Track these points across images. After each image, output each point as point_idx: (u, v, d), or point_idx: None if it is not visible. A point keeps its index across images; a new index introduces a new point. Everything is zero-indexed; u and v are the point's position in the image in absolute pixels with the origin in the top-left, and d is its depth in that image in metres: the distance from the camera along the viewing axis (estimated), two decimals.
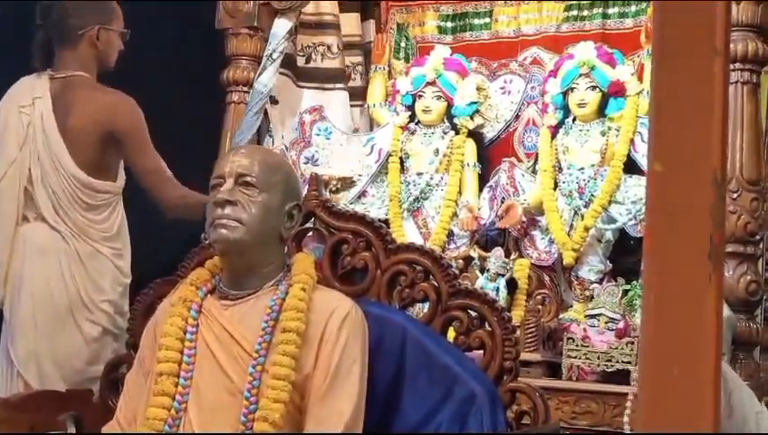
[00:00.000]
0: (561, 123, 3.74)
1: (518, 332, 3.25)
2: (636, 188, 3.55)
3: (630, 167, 3.60)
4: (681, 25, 0.89)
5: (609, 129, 3.65)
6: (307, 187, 2.53)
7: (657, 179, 0.90)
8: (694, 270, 0.88)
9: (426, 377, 2.29)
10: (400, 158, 3.97)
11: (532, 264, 3.70)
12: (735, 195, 3.16)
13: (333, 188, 3.81)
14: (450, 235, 3.84)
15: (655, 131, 0.91)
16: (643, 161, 3.55)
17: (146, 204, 3.47)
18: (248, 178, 2.24)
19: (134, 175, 3.33)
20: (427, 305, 2.43)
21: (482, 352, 2.33)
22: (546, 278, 3.72)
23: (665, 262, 0.89)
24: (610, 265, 3.61)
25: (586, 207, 3.61)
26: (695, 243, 0.88)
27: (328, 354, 2.17)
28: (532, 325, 3.38)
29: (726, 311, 3.01)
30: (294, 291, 2.22)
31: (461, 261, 3.73)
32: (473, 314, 2.35)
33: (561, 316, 3.55)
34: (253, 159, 2.27)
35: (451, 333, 2.40)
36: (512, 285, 3.57)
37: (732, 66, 3.19)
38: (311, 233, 2.53)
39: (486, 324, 2.33)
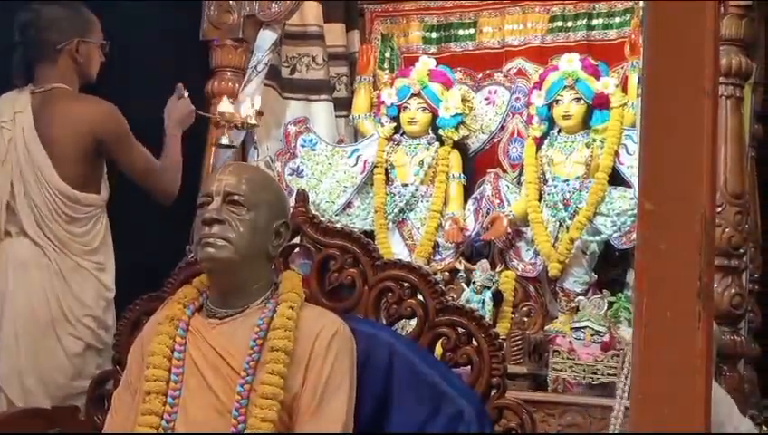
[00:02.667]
0: (545, 135, 3.76)
1: (504, 345, 3.26)
2: (621, 200, 3.57)
3: (615, 179, 3.62)
4: (670, 67, 0.90)
5: (594, 140, 3.67)
6: (294, 203, 2.53)
7: (647, 218, 0.90)
8: (684, 309, 0.89)
9: (413, 394, 2.29)
10: (385, 169, 3.98)
11: (517, 275, 3.71)
12: (720, 208, 3.17)
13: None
14: (435, 246, 3.85)
15: (645, 171, 0.92)
16: (628, 173, 3.58)
17: (131, 217, 3.46)
18: (236, 197, 2.24)
19: (127, 176, 3.35)
20: (414, 321, 2.44)
21: (469, 368, 2.34)
22: (531, 290, 3.74)
23: (655, 300, 0.90)
24: (595, 276, 3.63)
25: (571, 218, 3.62)
26: (684, 282, 0.89)
27: (316, 373, 2.18)
28: (517, 338, 3.40)
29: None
30: (282, 309, 2.22)
31: (447, 273, 3.75)
32: (460, 330, 2.36)
33: (546, 328, 3.57)
34: (240, 178, 2.27)
35: (438, 350, 2.40)
36: (497, 297, 3.58)
37: None
38: (298, 249, 2.53)
39: (474, 341, 2.34)
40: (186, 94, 3.51)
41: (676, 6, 0.91)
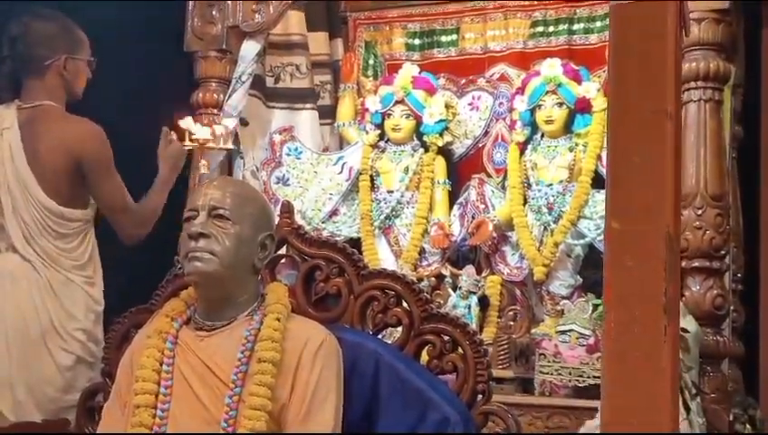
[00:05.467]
0: (529, 139, 3.80)
1: (491, 349, 3.30)
2: (604, 203, 3.59)
3: (598, 182, 3.65)
4: (635, 90, 0.93)
5: (577, 144, 3.70)
6: (279, 214, 2.56)
7: (613, 236, 0.93)
8: (650, 323, 0.92)
9: (400, 402, 2.32)
10: (371, 176, 4.00)
11: (503, 280, 3.74)
12: (700, 211, 3.21)
13: None
14: (422, 252, 3.89)
15: (611, 190, 0.95)
16: None
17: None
18: (221, 211, 2.27)
19: (97, 204, 3.35)
20: (399, 329, 2.47)
21: (455, 375, 2.37)
22: (517, 293, 3.77)
23: (623, 315, 0.93)
24: (580, 279, 3.66)
25: (555, 222, 3.66)
26: (650, 297, 0.92)
27: (303, 383, 2.20)
28: (504, 342, 3.43)
29: (693, 325, 3.06)
30: (269, 321, 2.25)
31: (433, 279, 3.78)
32: (445, 337, 2.39)
33: (532, 331, 3.60)
34: (225, 192, 2.30)
35: (424, 357, 2.43)
36: (484, 302, 3.61)
37: (695, 84, 3.26)
38: (284, 260, 2.56)
39: (459, 348, 2.37)
40: (174, 137, 3.51)
41: (639, 31, 0.94)
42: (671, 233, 0.92)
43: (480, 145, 4.09)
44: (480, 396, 2.35)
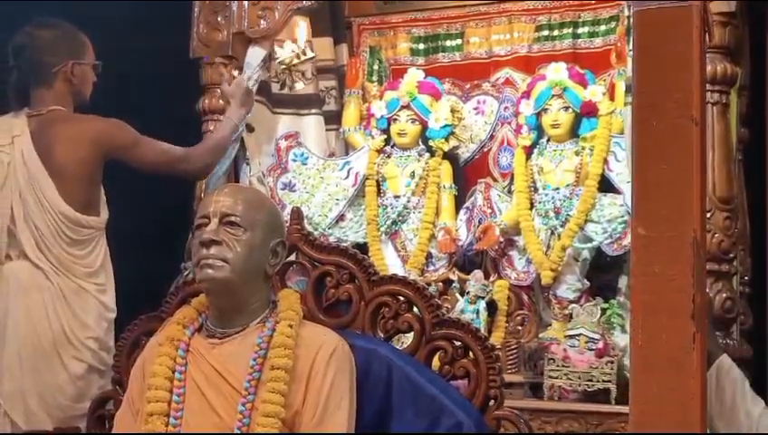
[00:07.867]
0: (535, 144, 3.79)
1: (500, 355, 3.29)
2: (611, 206, 3.60)
3: (605, 186, 3.65)
4: (660, 95, 0.93)
5: (583, 148, 3.70)
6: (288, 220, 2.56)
7: (640, 242, 0.93)
8: (678, 331, 0.92)
9: (412, 408, 2.32)
10: (377, 181, 4.00)
11: (510, 284, 3.74)
12: (709, 214, 3.20)
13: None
14: (429, 257, 3.88)
15: (637, 197, 0.95)
16: (617, 180, 3.61)
17: (128, 237, 3.48)
18: (232, 218, 2.27)
19: (150, 172, 3.43)
20: (411, 335, 2.47)
21: (467, 380, 2.37)
22: (525, 298, 3.76)
23: (650, 323, 0.93)
24: (588, 283, 3.66)
25: (562, 226, 3.65)
26: (678, 304, 0.92)
27: (316, 390, 2.21)
28: (512, 347, 3.42)
29: None
30: (281, 328, 2.25)
31: (441, 284, 3.77)
32: (457, 343, 2.39)
33: (540, 335, 3.60)
34: (236, 199, 2.30)
35: (435, 363, 2.43)
36: (492, 306, 3.61)
37: None
38: (294, 266, 2.56)
39: (470, 353, 2.37)
40: (235, 73, 3.64)
41: (664, 36, 0.94)
42: (698, 239, 0.92)
43: (486, 149, 4.09)
44: (492, 401, 2.35)
